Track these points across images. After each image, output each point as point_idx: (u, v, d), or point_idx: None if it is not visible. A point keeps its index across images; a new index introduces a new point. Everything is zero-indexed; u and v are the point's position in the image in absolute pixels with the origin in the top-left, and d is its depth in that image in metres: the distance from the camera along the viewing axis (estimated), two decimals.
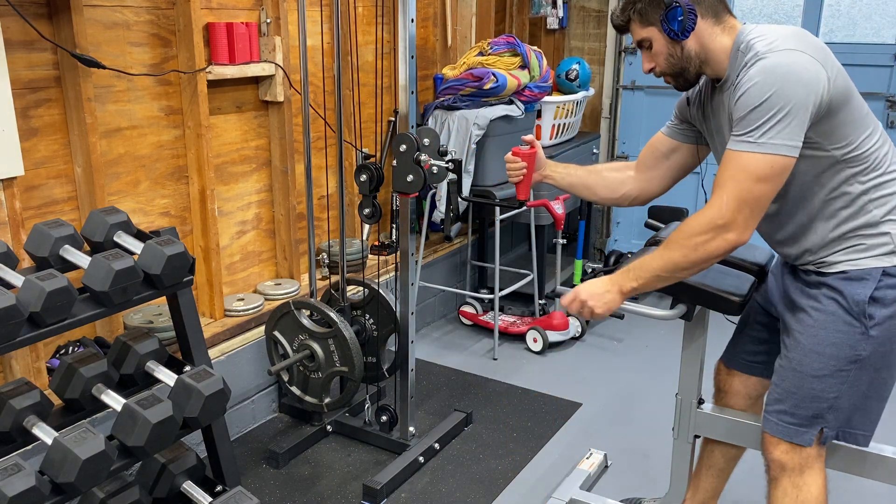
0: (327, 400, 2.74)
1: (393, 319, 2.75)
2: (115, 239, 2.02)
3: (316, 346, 2.70)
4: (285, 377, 2.79)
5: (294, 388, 2.80)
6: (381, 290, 2.78)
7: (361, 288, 2.81)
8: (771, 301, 1.96)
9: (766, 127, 1.58)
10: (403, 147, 2.47)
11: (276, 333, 2.78)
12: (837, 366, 1.71)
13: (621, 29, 1.86)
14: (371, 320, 2.83)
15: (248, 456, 2.78)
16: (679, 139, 1.98)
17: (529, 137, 2.10)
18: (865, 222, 1.70)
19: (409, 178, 2.48)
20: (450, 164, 2.46)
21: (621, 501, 2.42)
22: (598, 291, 1.81)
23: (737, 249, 1.68)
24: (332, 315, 2.64)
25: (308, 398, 2.78)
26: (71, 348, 2.40)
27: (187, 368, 2.09)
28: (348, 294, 2.83)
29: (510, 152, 2.12)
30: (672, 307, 1.95)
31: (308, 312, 2.74)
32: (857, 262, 1.70)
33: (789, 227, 1.78)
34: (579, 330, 3.76)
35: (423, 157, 2.44)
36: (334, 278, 3.05)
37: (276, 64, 2.86)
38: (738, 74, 1.65)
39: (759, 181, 1.61)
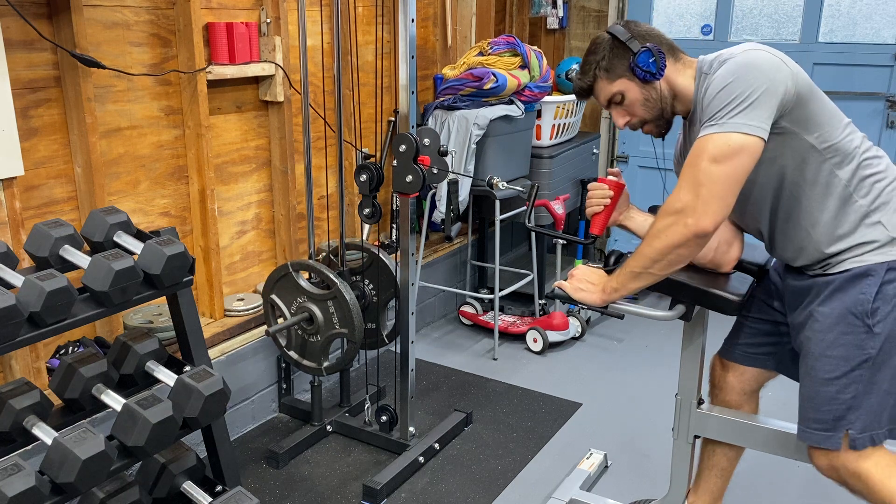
0: (326, 364, 2.71)
1: (393, 284, 2.69)
2: (115, 239, 2.02)
3: (315, 309, 2.65)
4: (283, 342, 2.76)
5: (292, 353, 2.76)
6: (380, 255, 2.73)
7: (360, 252, 2.75)
8: (775, 298, 1.96)
9: (727, 109, 1.60)
10: (403, 147, 2.48)
11: (274, 297, 2.73)
12: (848, 367, 1.68)
13: (584, 93, 1.83)
14: (370, 286, 2.79)
15: (248, 456, 2.78)
16: None
17: (616, 170, 1.97)
18: (855, 212, 1.70)
19: (409, 178, 2.48)
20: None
21: None
22: (587, 279, 1.86)
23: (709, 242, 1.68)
24: (332, 275, 2.59)
25: (306, 362, 2.74)
26: (71, 348, 2.40)
27: (187, 368, 2.09)
28: (347, 260, 2.79)
29: (596, 180, 1.93)
30: (671, 307, 1.95)
31: (307, 274, 2.70)
32: (860, 259, 1.69)
33: (791, 231, 1.77)
34: (579, 330, 3.76)
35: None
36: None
37: (276, 64, 2.87)
38: (706, 85, 1.68)
39: (714, 161, 1.60)
